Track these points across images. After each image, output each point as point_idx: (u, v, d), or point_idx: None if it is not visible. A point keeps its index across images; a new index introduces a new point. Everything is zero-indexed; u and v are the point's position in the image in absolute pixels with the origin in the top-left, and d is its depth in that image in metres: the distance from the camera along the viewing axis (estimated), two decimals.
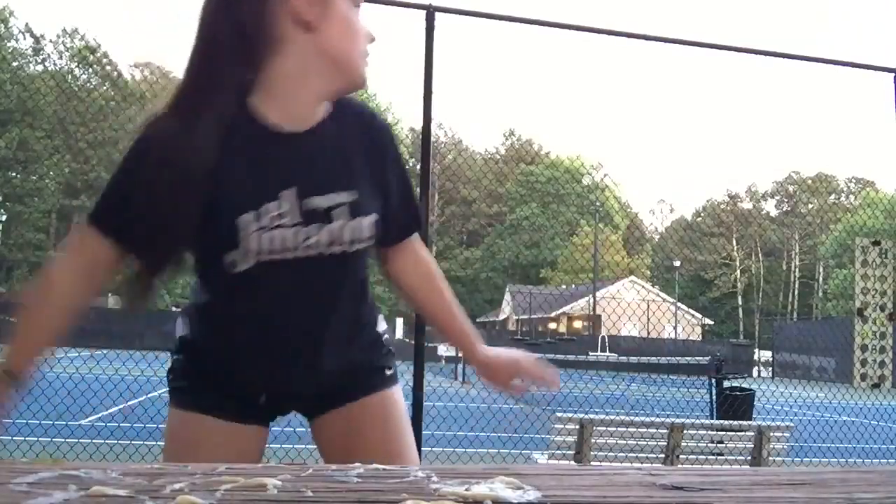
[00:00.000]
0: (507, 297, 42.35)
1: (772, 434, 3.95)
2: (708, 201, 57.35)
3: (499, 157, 55.22)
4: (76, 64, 41.71)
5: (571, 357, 18.65)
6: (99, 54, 41.19)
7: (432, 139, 4.30)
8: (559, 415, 3.93)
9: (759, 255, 54.83)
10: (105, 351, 10.32)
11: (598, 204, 42.57)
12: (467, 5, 4.35)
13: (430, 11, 4.16)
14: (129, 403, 8.75)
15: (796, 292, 53.57)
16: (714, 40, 5.15)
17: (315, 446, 1.43)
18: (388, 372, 1.47)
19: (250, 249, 1.24)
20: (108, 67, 41.09)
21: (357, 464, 0.74)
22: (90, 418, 7.56)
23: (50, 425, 6.58)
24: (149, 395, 10.04)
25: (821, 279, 50.77)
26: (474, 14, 4.36)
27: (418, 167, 4.45)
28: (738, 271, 54.62)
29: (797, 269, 53.59)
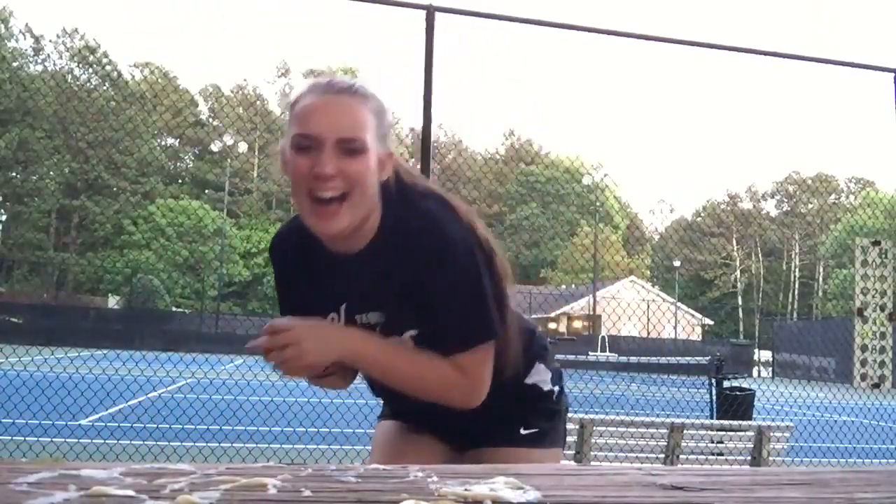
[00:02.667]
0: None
1: (772, 434, 3.95)
2: (708, 201, 57.32)
3: (499, 157, 55.20)
4: (76, 64, 41.70)
5: (571, 357, 18.66)
6: (99, 54, 41.18)
7: (432, 139, 4.30)
8: None
9: (759, 255, 54.82)
10: (105, 351, 10.32)
11: (598, 204, 42.58)
12: (467, 5, 4.35)
13: (430, 11, 4.16)
14: (129, 403, 8.75)
15: (796, 292, 53.55)
16: (714, 40, 5.15)
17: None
18: (524, 431, 1.50)
19: None
20: (107, 67, 41.07)
21: (357, 464, 0.74)
22: (90, 418, 7.56)
23: (50, 425, 6.58)
24: (149, 395, 10.04)
25: (821, 279, 50.75)
26: (474, 14, 4.36)
27: (418, 167, 4.45)
28: (738, 271, 54.60)
29: (797, 269, 53.57)
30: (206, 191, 45.03)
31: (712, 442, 3.95)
